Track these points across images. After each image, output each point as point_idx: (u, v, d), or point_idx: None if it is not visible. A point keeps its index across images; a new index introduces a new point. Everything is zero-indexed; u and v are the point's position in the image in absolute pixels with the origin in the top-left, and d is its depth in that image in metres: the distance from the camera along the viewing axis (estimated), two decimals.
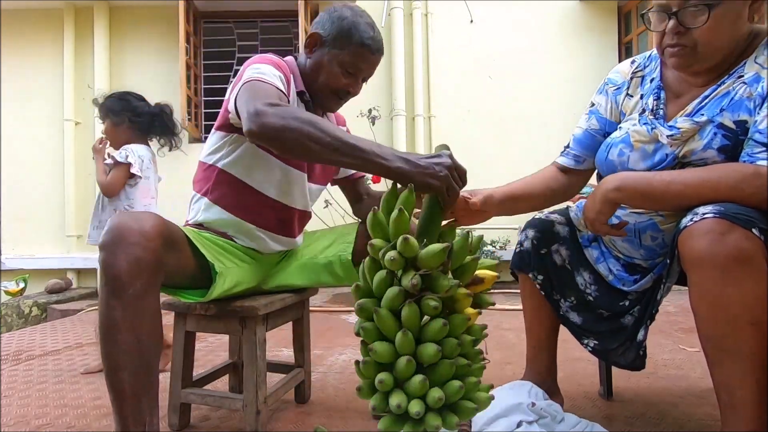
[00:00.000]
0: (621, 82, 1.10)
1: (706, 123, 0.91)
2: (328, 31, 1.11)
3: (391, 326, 0.69)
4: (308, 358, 1.39)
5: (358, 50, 1.10)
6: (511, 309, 2.86)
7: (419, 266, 0.70)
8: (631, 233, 1.06)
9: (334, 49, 1.11)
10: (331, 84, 1.13)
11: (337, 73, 1.12)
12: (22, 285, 3.71)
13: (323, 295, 3.54)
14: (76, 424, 1.26)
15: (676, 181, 0.87)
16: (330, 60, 1.11)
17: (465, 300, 0.72)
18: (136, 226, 0.83)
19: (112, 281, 0.80)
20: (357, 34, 1.09)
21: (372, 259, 0.74)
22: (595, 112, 1.14)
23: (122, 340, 0.81)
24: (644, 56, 1.10)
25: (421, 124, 3.97)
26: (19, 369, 1.81)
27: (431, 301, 0.68)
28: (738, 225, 0.75)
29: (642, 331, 1.04)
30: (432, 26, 4.04)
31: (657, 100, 1.00)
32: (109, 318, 0.81)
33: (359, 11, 1.14)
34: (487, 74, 4.05)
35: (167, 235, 0.89)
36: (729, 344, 0.77)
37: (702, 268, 0.78)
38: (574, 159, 1.16)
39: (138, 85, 4.05)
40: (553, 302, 1.17)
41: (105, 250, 0.81)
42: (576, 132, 1.18)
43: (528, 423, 0.99)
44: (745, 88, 0.89)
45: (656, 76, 1.04)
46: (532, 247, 1.17)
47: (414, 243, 0.69)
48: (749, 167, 0.82)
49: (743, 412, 0.77)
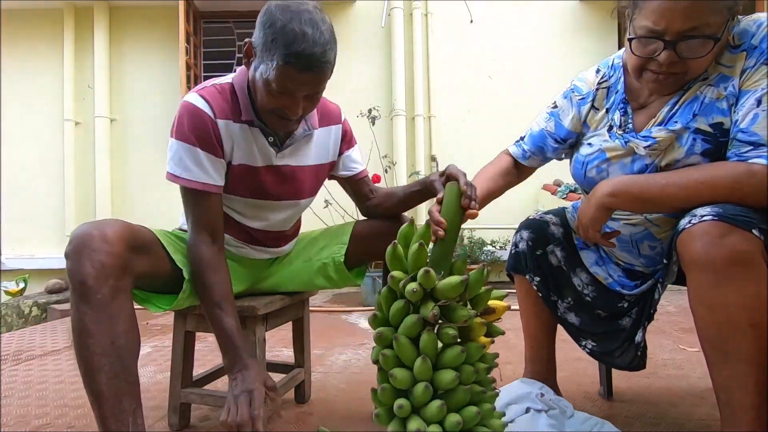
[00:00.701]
0: (586, 92, 1.08)
1: (681, 130, 0.90)
2: (257, 40, 0.92)
3: (409, 353, 0.73)
4: (308, 358, 1.39)
5: (282, 69, 0.88)
6: (511, 309, 2.86)
7: (437, 297, 0.74)
8: (628, 244, 1.06)
9: (262, 64, 0.91)
10: (265, 105, 0.96)
11: (267, 94, 0.93)
12: (22, 285, 3.71)
13: (323, 295, 3.54)
14: (76, 424, 1.26)
15: (670, 184, 0.86)
16: (259, 77, 0.93)
17: (480, 329, 0.76)
18: (97, 233, 0.83)
19: (80, 287, 0.81)
20: (282, 48, 0.87)
21: (389, 289, 0.78)
22: (555, 115, 1.14)
23: (95, 343, 0.81)
24: (607, 65, 1.07)
25: (421, 124, 3.97)
26: (19, 369, 1.81)
27: (449, 330, 0.72)
28: (737, 227, 0.74)
29: (640, 333, 1.04)
30: (432, 26, 4.04)
31: (624, 116, 1.00)
32: (81, 323, 0.81)
33: (297, 10, 0.88)
34: (487, 74, 4.06)
35: (131, 239, 0.88)
36: (729, 346, 0.77)
37: (701, 271, 0.78)
38: (522, 152, 1.19)
39: (138, 85, 4.08)
40: (551, 303, 1.16)
41: (70, 258, 0.82)
42: (533, 128, 1.19)
43: (536, 411, 1.01)
44: (713, 90, 0.88)
45: (620, 88, 1.02)
46: (527, 249, 1.16)
47: (434, 275, 0.72)
48: (741, 165, 0.81)
49: (742, 414, 0.77)
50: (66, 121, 3.97)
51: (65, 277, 3.62)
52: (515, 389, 1.09)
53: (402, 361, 0.74)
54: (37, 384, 1.61)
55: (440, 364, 0.73)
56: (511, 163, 1.22)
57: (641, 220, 1.01)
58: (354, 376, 1.64)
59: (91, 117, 3.98)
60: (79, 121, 4.03)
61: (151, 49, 4.08)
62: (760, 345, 0.75)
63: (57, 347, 2.15)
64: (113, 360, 0.82)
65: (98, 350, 0.81)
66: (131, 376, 0.85)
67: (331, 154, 1.21)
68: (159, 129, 4.03)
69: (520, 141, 1.21)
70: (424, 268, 0.72)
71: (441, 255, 0.81)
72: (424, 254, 0.75)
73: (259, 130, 1.04)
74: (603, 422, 1.04)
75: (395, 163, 3.76)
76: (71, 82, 3.99)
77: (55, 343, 2.23)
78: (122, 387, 0.83)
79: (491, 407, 0.77)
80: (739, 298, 0.75)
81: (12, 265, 3.92)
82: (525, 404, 1.03)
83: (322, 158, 1.18)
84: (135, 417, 0.84)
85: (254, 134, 1.04)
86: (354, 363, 1.80)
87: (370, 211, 1.29)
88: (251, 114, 1.02)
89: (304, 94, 0.94)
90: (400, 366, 0.74)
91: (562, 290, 1.16)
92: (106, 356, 0.82)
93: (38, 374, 1.73)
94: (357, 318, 2.74)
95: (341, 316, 2.79)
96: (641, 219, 1.01)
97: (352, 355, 1.91)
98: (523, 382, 1.14)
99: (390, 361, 0.74)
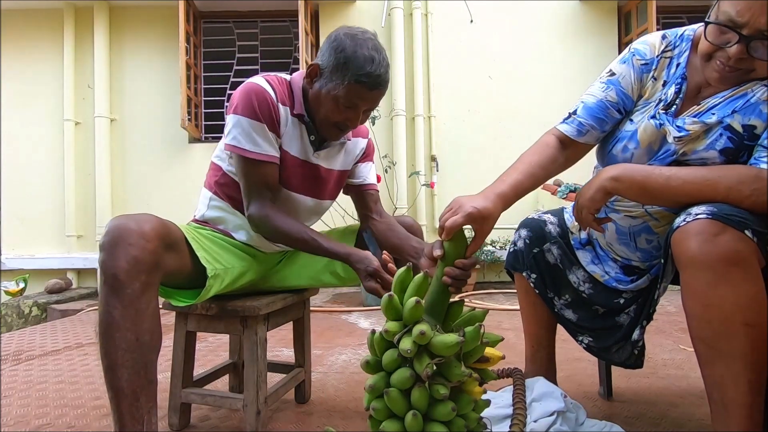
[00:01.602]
0: (650, 58, 0.99)
1: (715, 124, 0.89)
2: (325, 63, 1.07)
3: (401, 406, 0.74)
4: (308, 358, 1.39)
5: (353, 87, 1.04)
6: (511, 309, 2.86)
7: (432, 352, 0.73)
8: (626, 236, 1.06)
9: (330, 83, 1.06)
10: (330, 117, 1.09)
11: (334, 108, 1.08)
12: (22, 285, 3.71)
13: (323, 295, 3.54)
14: (76, 424, 1.26)
15: (675, 177, 0.85)
16: (326, 93, 1.07)
17: (473, 384, 0.76)
18: (135, 227, 0.85)
19: (111, 281, 0.82)
20: (353, 69, 1.03)
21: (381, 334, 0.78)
22: (615, 83, 1.01)
23: (121, 338, 0.82)
24: (675, 34, 0.99)
25: (421, 123, 3.97)
26: (19, 369, 1.81)
27: (441, 388, 0.72)
28: (730, 226, 0.75)
29: (637, 331, 1.05)
30: (432, 26, 4.04)
31: (677, 93, 0.95)
32: (109, 317, 0.82)
33: (363, 38, 1.05)
34: (487, 74, 4.06)
35: (165, 236, 0.91)
36: (722, 345, 0.77)
37: (694, 269, 0.78)
38: (578, 128, 1.03)
39: (138, 85, 4.08)
40: (548, 300, 1.18)
41: (105, 250, 0.83)
42: (587, 99, 1.04)
43: (560, 413, 1.00)
44: (765, 92, 0.86)
45: (683, 61, 0.96)
46: (525, 247, 1.18)
47: (429, 334, 0.71)
48: (752, 170, 0.82)
49: (735, 412, 0.78)
50: (66, 121, 3.97)
51: (64, 278, 3.59)
52: (541, 387, 1.08)
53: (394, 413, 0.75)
54: (37, 384, 1.61)
55: (431, 416, 0.74)
56: (556, 146, 1.04)
57: (641, 212, 1.01)
58: (354, 376, 1.64)
59: (91, 117, 3.98)
60: (79, 121, 4.03)
61: (151, 49, 4.07)
62: (753, 343, 0.75)
63: (57, 347, 2.15)
64: (136, 356, 0.84)
65: (123, 345, 0.82)
66: (150, 375, 0.86)
67: (351, 163, 1.28)
68: (159, 129, 4.03)
69: (572, 116, 1.05)
70: (420, 329, 0.71)
71: (438, 300, 0.80)
72: (420, 310, 0.75)
73: (305, 126, 1.15)
74: (611, 425, 1.04)
75: (395, 163, 3.76)
76: (71, 82, 3.98)
77: (55, 343, 2.23)
78: (142, 385, 0.84)
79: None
80: (734, 296, 0.75)
81: (12, 265, 3.92)
82: (549, 404, 1.01)
83: (346, 165, 1.27)
84: (150, 416, 0.85)
85: (301, 129, 1.15)
86: (354, 363, 1.80)
87: (369, 228, 1.30)
88: (303, 109, 1.13)
89: (365, 108, 1.11)
90: (392, 416, 0.75)
91: (559, 287, 1.18)
92: (130, 352, 0.83)
93: (38, 374, 1.73)
94: (357, 318, 2.74)
95: (341, 316, 2.79)
96: (641, 211, 1.00)
97: (352, 355, 1.91)
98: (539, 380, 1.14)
99: (381, 413, 0.75)
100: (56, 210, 4.00)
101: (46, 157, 4.02)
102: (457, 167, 4.01)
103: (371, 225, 1.28)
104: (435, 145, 4.01)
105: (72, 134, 3.99)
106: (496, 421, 1.01)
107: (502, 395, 1.11)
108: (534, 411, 1.01)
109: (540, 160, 1.00)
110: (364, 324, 2.56)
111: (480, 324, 0.76)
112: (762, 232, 0.76)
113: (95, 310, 3.17)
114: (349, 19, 4.05)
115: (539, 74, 4.02)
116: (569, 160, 1.06)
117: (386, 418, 0.75)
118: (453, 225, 0.82)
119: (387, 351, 0.76)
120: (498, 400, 1.08)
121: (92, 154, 3.97)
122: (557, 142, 1.04)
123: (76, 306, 3.39)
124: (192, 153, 4.03)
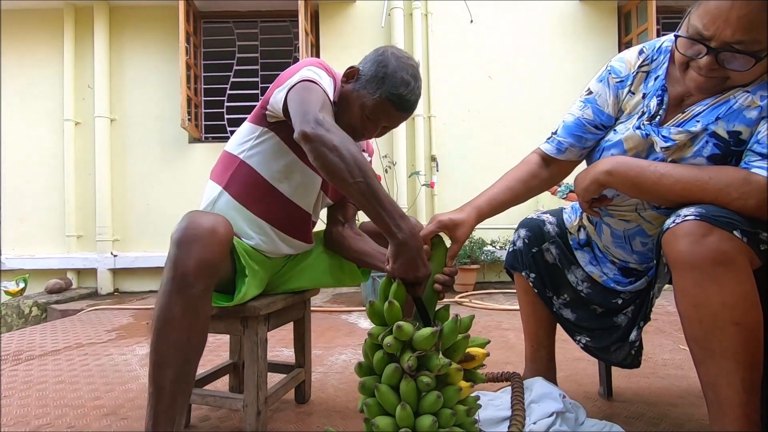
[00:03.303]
0: (625, 75, 1.02)
1: (700, 132, 0.89)
2: (366, 70, 1.10)
3: (391, 401, 0.78)
4: (308, 358, 1.39)
5: (382, 102, 1.07)
6: (511, 309, 2.86)
7: (414, 347, 0.79)
8: (621, 239, 1.08)
9: (363, 90, 1.09)
10: (350, 120, 1.11)
11: (358, 114, 1.10)
12: (22, 285, 3.71)
13: (323, 295, 3.54)
14: (76, 424, 1.26)
15: (668, 175, 0.86)
16: (356, 98, 1.10)
17: (457, 375, 0.81)
18: (210, 227, 0.85)
19: (180, 278, 0.82)
20: (388, 86, 1.06)
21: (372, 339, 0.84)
22: (592, 101, 1.06)
23: (176, 337, 0.83)
24: (653, 47, 1.01)
25: (421, 124, 3.97)
26: (19, 369, 1.81)
27: (425, 378, 0.77)
28: (718, 227, 0.75)
29: (635, 332, 1.06)
30: (432, 26, 4.04)
31: (659, 105, 0.96)
32: (169, 313, 0.82)
33: (406, 63, 1.09)
34: (487, 74, 4.06)
35: (231, 240, 0.92)
36: (714, 344, 0.78)
37: (684, 270, 0.79)
38: (557, 146, 1.09)
39: (138, 85, 4.08)
40: (546, 299, 1.19)
41: (178, 246, 0.83)
42: (567, 119, 1.10)
43: (559, 414, 1.00)
44: (747, 97, 0.86)
45: (662, 73, 0.98)
46: (523, 246, 1.20)
47: (407, 329, 0.78)
48: (741, 172, 0.82)
49: (730, 411, 0.78)
50: (66, 121, 3.97)
51: (64, 278, 3.58)
52: (539, 388, 1.08)
53: (385, 409, 0.79)
54: (37, 384, 1.62)
55: (421, 409, 0.78)
56: (538, 163, 1.12)
57: (634, 216, 1.02)
58: (354, 376, 1.63)
59: (91, 117, 3.98)
60: (79, 121, 4.03)
61: (151, 49, 4.07)
62: (744, 343, 0.76)
63: (57, 347, 2.15)
64: (183, 357, 0.84)
65: (176, 344, 0.83)
66: (190, 377, 0.88)
67: None
68: (159, 129, 4.03)
69: (552, 136, 1.12)
70: (397, 324, 0.78)
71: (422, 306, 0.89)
72: (396, 309, 0.82)
73: None
74: (611, 425, 1.04)
75: (395, 163, 3.76)
76: (71, 82, 3.98)
77: (55, 343, 2.23)
78: (181, 386, 0.85)
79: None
80: (723, 296, 0.75)
81: (12, 265, 3.92)
82: (548, 404, 1.02)
83: None
84: (180, 417, 0.86)
85: None
86: (354, 363, 1.79)
87: (334, 236, 1.29)
88: (334, 99, 1.11)
89: (384, 125, 1.12)
90: (384, 413, 0.79)
91: (558, 287, 1.18)
92: (181, 352, 0.84)
93: (38, 374, 1.73)
94: (357, 318, 2.74)
95: (341, 316, 2.79)
96: (634, 215, 1.02)
97: (352, 355, 1.91)
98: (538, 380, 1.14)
99: (373, 409, 0.79)
100: (56, 210, 4.00)
101: (46, 157, 4.02)
102: (457, 167, 4.01)
103: (342, 232, 1.28)
104: (435, 145, 4.01)
105: (72, 134, 3.99)
106: (494, 422, 1.01)
107: (501, 396, 1.11)
108: (533, 412, 1.01)
109: (520, 175, 1.10)
110: (364, 324, 2.56)
111: (456, 315, 0.83)
112: (753, 233, 0.77)
113: (96, 310, 3.17)
114: (349, 19, 4.05)
115: (539, 74, 4.02)
116: (555, 176, 1.14)
117: (378, 415, 0.79)
118: (425, 232, 0.94)
119: (376, 352, 0.82)
120: (497, 402, 1.08)
121: (92, 154, 3.97)
122: (540, 160, 1.13)
123: (76, 306, 3.38)
124: (192, 153, 4.03)
